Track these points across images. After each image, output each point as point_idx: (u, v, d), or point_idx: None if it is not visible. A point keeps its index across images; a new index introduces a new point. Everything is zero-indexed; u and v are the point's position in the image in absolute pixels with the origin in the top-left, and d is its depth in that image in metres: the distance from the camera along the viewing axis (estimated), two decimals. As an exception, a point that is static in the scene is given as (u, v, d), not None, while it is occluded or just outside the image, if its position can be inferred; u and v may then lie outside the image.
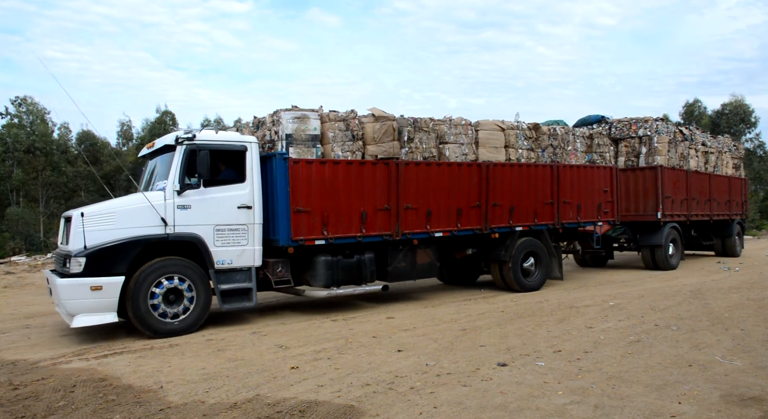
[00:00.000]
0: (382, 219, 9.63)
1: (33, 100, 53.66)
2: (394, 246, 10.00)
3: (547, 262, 11.92)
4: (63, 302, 7.40)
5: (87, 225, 7.55)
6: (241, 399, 5.04)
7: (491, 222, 10.95)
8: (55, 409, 4.89)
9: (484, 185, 10.81)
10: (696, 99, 59.57)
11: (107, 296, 7.45)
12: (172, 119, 58.57)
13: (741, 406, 4.70)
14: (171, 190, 8.00)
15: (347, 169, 9.27)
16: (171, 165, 8.14)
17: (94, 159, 57.59)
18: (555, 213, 11.96)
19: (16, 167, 50.35)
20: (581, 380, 5.43)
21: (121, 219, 7.72)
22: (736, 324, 7.87)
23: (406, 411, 4.67)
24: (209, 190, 8.23)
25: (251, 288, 8.48)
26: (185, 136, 8.17)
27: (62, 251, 7.99)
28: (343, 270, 9.31)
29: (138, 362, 6.39)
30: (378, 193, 9.58)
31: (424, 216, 10.11)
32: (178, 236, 7.97)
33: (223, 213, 8.30)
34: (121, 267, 7.55)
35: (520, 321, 8.33)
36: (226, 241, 8.31)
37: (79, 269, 7.36)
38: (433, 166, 10.27)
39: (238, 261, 8.42)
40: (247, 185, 8.52)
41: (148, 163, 9.45)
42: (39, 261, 20.62)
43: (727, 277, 13.31)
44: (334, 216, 9.10)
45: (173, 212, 7.96)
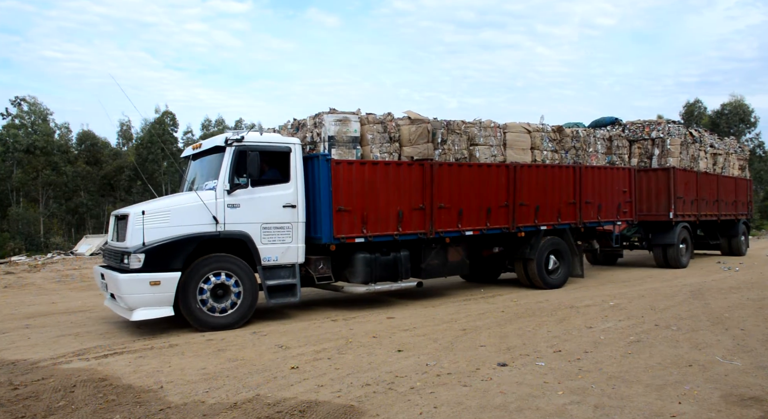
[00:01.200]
0: (417, 218, 9.98)
1: (36, 100, 53.67)
2: (428, 244, 10.36)
3: (569, 260, 12.28)
4: (124, 296, 7.68)
5: (146, 222, 7.86)
6: (241, 399, 5.05)
7: (518, 222, 11.30)
8: (55, 409, 4.89)
9: (512, 185, 11.17)
10: (696, 99, 59.60)
11: (165, 291, 7.77)
12: (172, 119, 58.62)
13: (741, 406, 4.70)
14: (221, 189, 8.35)
15: (385, 170, 9.63)
16: (220, 165, 8.50)
17: (94, 159, 57.65)
18: (577, 213, 12.35)
19: (16, 167, 50.35)
20: (581, 380, 5.43)
21: (176, 218, 8.06)
22: (736, 324, 7.87)
23: (406, 411, 4.67)
24: (257, 190, 8.56)
25: (295, 284, 8.82)
26: (234, 137, 8.53)
27: (117, 248, 8.30)
28: (381, 267, 9.65)
29: (138, 362, 6.39)
30: (413, 193, 9.92)
31: (456, 215, 10.44)
32: (228, 234, 8.32)
33: (270, 212, 8.65)
34: (177, 263, 7.87)
35: (520, 321, 8.33)
36: (272, 239, 8.66)
37: (139, 265, 7.67)
38: (465, 166, 10.63)
39: (283, 258, 8.76)
40: (291, 185, 8.87)
41: (190, 163, 9.85)
42: (39, 261, 20.62)
43: (727, 277, 13.32)
44: (372, 215, 9.43)
45: (223, 211, 8.30)
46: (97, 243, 26.49)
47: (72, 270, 17.22)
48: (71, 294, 12.62)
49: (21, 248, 35.94)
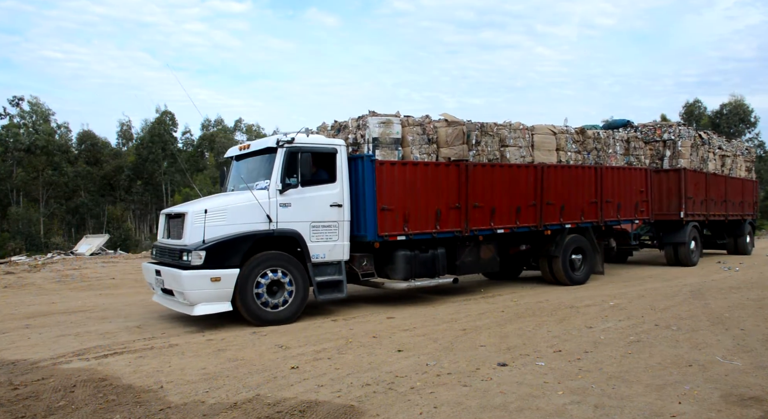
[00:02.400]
0: (454, 216, 10.36)
1: (38, 100, 53.67)
2: (462, 241, 10.71)
3: (592, 257, 12.74)
4: (186, 292, 7.94)
5: (206, 220, 8.17)
6: (241, 399, 5.05)
7: (545, 220, 11.72)
8: (55, 409, 4.89)
9: (539, 185, 11.60)
10: (696, 99, 59.60)
11: (225, 286, 8.04)
12: (171, 119, 58.61)
13: (741, 406, 4.70)
14: (274, 189, 8.67)
15: (425, 170, 10.03)
16: (270, 166, 8.84)
17: (94, 159, 57.65)
18: (599, 212, 12.82)
19: (17, 167, 50.34)
20: (581, 380, 5.43)
21: (232, 216, 8.37)
22: (736, 324, 7.87)
23: (406, 411, 4.67)
24: (306, 190, 8.90)
25: (342, 281, 9.15)
26: (285, 139, 8.80)
27: (172, 245, 8.61)
28: (420, 264, 10.00)
29: (138, 362, 6.39)
30: (450, 193, 10.32)
31: (489, 213, 10.85)
32: (281, 232, 8.63)
33: (318, 211, 8.99)
34: (235, 259, 8.15)
35: (521, 321, 8.33)
36: (320, 237, 9.00)
37: (200, 261, 7.92)
38: (497, 167, 11.05)
39: (330, 255, 9.11)
40: (337, 185, 9.22)
41: (233, 163, 10.19)
42: (39, 261, 20.61)
43: (727, 277, 13.32)
44: (413, 214, 9.82)
45: (276, 209, 8.62)
46: (97, 243, 26.48)
47: (72, 270, 17.21)
48: (71, 294, 12.61)
49: (21, 248, 35.95)
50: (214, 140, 63.67)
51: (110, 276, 15.57)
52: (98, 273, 16.23)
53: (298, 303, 8.67)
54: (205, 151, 64.81)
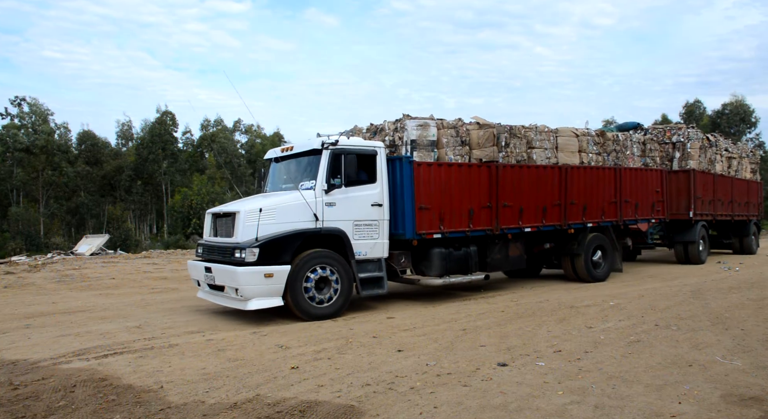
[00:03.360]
0: (485, 215, 10.81)
1: (37, 101, 53.67)
2: (492, 240, 11.19)
3: (612, 255, 13.27)
4: (241, 287, 8.28)
5: (260, 219, 8.51)
6: (241, 399, 5.04)
7: (568, 219, 12.23)
8: (55, 409, 4.89)
9: (563, 185, 12.09)
10: (696, 99, 59.62)
11: (277, 282, 8.41)
12: (171, 119, 58.61)
13: (741, 406, 4.70)
14: (320, 189, 9.03)
15: (458, 171, 10.48)
16: (315, 167, 9.22)
17: (94, 159, 57.64)
18: (618, 211, 13.33)
19: (17, 167, 50.33)
20: (581, 380, 5.43)
21: (282, 215, 8.72)
22: (736, 324, 7.87)
23: (406, 411, 4.67)
24: (349, 190, 9.29)
25: (383, 277, 9.54)
26: (330, 141, 9.14)
27: (222, 243, 8.98)
28: (454, 261, 10.42)
29: (138, 362, 6.38)
30: (482, 192, 10.76)
31: (517, 213, 11.31)
32: (327, 230, 8.99)
33: (360, 210, 9.37)
34: (287, 256, 8.51)
35: (521, 321, 8.33)
36: (362, 235, 9.39)
37: (254, 258, 8.26)
38: (525, 168, 11.52)
39: (371, 252, 9.49)
40: (377, 185, 9.61)
41: (273, 164, 10.62)
42: (39, 261, 20.61)
43: (727, 277, 13.31)
44: (448, 213, 10.25)
45: (322, 209, 8.99)
46: (97, 243, 26.50)
47: (72, 270, 17.22)
48: (71, 294, 12.62)
49: (21, 248, 35.93)
50: (213, 140, 63.67)
51: (110, 276, 15.57)
52: (98, 273, 16.23)
53: (344, 298, 9.02)
54: (205, 151, 64.80)
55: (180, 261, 20.27)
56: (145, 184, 57.14)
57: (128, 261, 20.53)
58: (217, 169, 59.02)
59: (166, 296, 11.95)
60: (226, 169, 54.45)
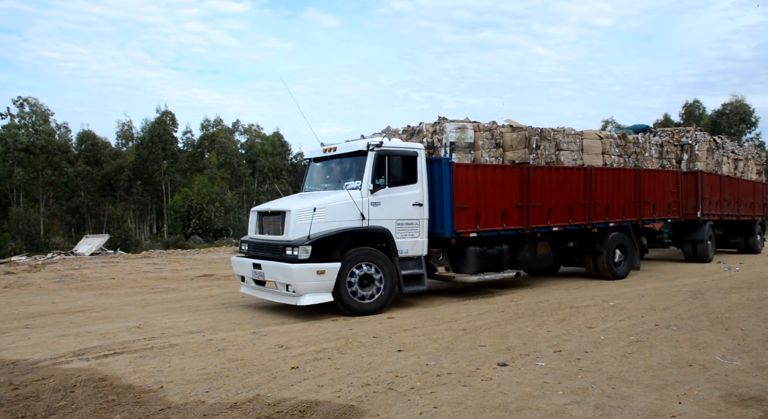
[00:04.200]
0: (517, 215, 11.21)
1: (37, 101, 53.67)
2: (522, 238, 11.56)
3: (631, 254, 13.67)
4: (295, 284, 8.60)
5: (313, 217, 8.79)
6: (241, 399, 5.04)
7: (592, 219, 12.64)
8: (55, 409, 4.89)
9: (588, 186, 12.49)
10: (695, 99, 59.65)
11: (328, 279, 8.69)
12: (171, 119, 58.60)
13: (741, 406, 4.70)
14: (366, 189, 9.33)
15: (493, 172, 10.91)
16: (361, 167, 9.53)
17: (94, 159, 57.64)
18: (637, 211, 13.76)
19: (17, 167, 50.33)
20: (581, 380, 5.43)
21: (331, 213, 9.00)
22: (736, 324, 7.87)
23: (406, 411, 4.67)
24: (393, 190, 9.59)
25: (423, 274, 9.83)
26: (375, 143, 9.42)
27: (270, 240, 9.28)
28: (488, 258, 10.82)
29: (138, 362, 6.38)
30: (514, 193, 11.15)
31: (546, 212, 11.70)
32: (373, 229, 9.29)
33: (402, 210, 9.68)
34: (337, 254, 8.81)
35: (520, 321, 8.33)
36: (404, 234, 9.68)
37: (306, 256, 8.54)
38: (553, 169, 11.97)
39: (412, 250, 9.77)
40: (418, 186, 9.91)
41: (312, 164, 10.93)
42: (39, 261, 20.61)
43: (727, 277, 13.31)
44: (483, 213, 10.65)
45: (368, 208, 9.28)
46: (97, 243, 26.50)
47: (72, 270, 17.22)
48: (71, 294, 12.61)
49: (21, 248, 35.91)
50: (214, 140, 63.66)
51: (110, 276, 15.57)
52: (98, 273, 16.23)
53: (387, 295, 9.28)
54: (205, 151, 64.80)
55: (180, 261, 20.27)
56: (145, 184, 57.14)
57: (128, 261, 20.54)
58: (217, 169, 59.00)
59: (166, 296, 11.95)
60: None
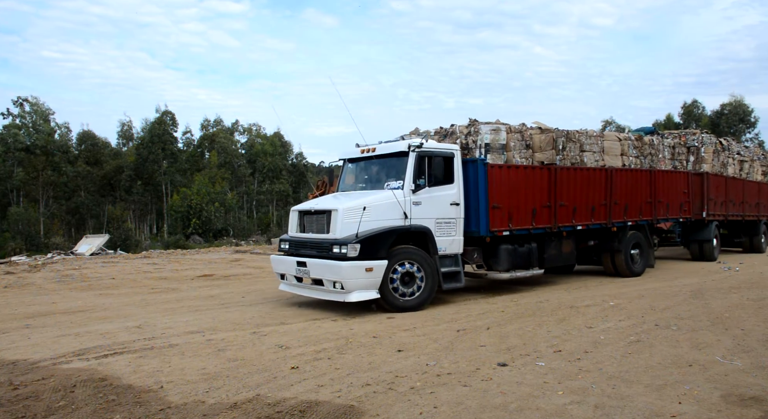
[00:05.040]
0: (545, 214, 11.54)
1: (38, 100, 53.65)
2: (549, 237, 11.87)
3: (647, 252, 14.06)
4: (344, 281, 8.84)
5: (354, 217, 9.02)
6: (241, 399, 5.04)
7: (612, 218, 13.00)
8: (55, 409, 4.89)
9: (609, 186, 12.87)
10: (694, 99, 59.62)
11: (375, 276, 8.94)
12: (171, 119, 58.59)
13: (741, 406, 4.70)
14: (408, 188, 9.59)
15: (524, 173, 11.29)
16: (402, 168, 9.78)
17: (94, 159, 57.62)
18: (653, 211, 14.17)
19: (17, 167, 50.31)
20: (581, 380, 5.43)
21: (376, 212, 9.23)
22: (736, 324, 7.87)
23: (406, 411, 4.67)
24: (432, 189, 9.88)
25: (460, 271, 10.16)
26: (415, 144, 9.71)
27: (316, 239, 9.51)
28: (519, 256, 11.12)
29: (138, 362, 6.38)
30: (542, 193, 11.49)
31: (571, 212, 12.08)
32: (415, 227, 9.56)
33: (441, 209, 9.98)
34: (383, 252, 9.07)
35: (520, 321, 8.33)
36: (443, 232, 9.95)
37: (355, 253, 8.80)
38: (578, 170, 12.35)
39: (449, 248, 10.07)
40: (455, 186, 10.22)
41: (347, 165, 11.21)
42: (39, 261, 20.61)
43: (727, 277, 13.31)
44: (515, 212, 10.98)
45: (410, 207, 9.55)
46: (97, 243, 26.50)
47: (72, 270, 17.22)
48: (71, 294, 12.61)
49: (21, 248, 35.92)
50: (214, 140, 63.63)
51: (110, 276, 15.57)
52: (98, 273, 16.23)
53: (428, 292, 9.52)
54: (205, 151, 64.78)
55: (180, 261, 20.27)
56: (145, 184, 57.11)
57: (128, 261, 20.54)
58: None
59: (166, 296, 11.95)
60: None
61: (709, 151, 17.27)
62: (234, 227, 52.46)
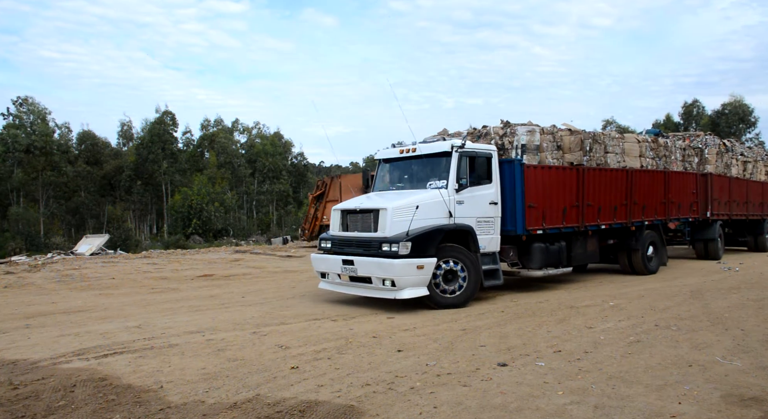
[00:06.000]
0: (573, 213, 11.89)
1: (34, 100, 53.64)
2: (576, 236, 12.20)
3: (661, 250, 14.44)
4: (397, 278, 8.97)
5: (404, 216, 9.17)
6: (241, 399, 5.04)
7: (632, 217, 13.35)
8: (55, 409, 4.89)
9: (630, 186, 13.27)
10: (695, 99, 59.63)
11: (426, 274, 9.13)
12: (171, 119, 58.59)
13: (741, 406, 4.70)
14: (452, 188, 9.80)
15: (556, 173, 11.63)
16: (445, 167, 9.99)
17: (94, 159, 57.63)
18: (666, 210, 14.60)
19: (17, 167, 50.31)
20: (581, 380, 5.43)
21: (423, 211, 9.34)
22: (736, 324, 7.87)
23: (406, 411, 4.67)
24: (474, 189, 10.12)
25: (498, 269, 10.44)
26: (458, 144, 9.93)
27: (363, 237, 9.60)
28: (551, 255, 11.44)
29: (138, 362, 6.38)
30: (572, 193, 11.84)
31: (596, 211, 12.44)
32: (460, 226, 9.75)
33: (481, 208, 10.22)
34: (432, 250, 9.23)
35: (520, 321, 8.32)
36: (482, 231, 10.19)
37: (407, 251, 8.95)
38: (603, 171, 12.72)
39: (488, 247, 10.31)
40: (493, 185, 10.48)
41: (382, 165, 11.37)
42: (39, 261, 20.60)
43: (727, 277, 13.31)
44: (548, 211, 11.28)
45: (454, 206, 9.75)
46: (97, 243, 26.48)
47: (72, 270, 17.21)
48: (71, 294, 12.61)
49: (21, 248, 35.90)
50: (214, 140, 63.62)
51: (110, 276, 15.57)
52: (98, 273, 16.23)
53: (471, 289, 9.71)
54: (205, 151, 64.77)
55: (180, 261, 20.27)
56: (145, 184, 57.12)
57: (128, 261, 20.53)
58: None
59: (166, 296, 11.94)
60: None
61: (712, 153, 17.63)
62: (234, 227, 52.46)
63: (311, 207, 27.61)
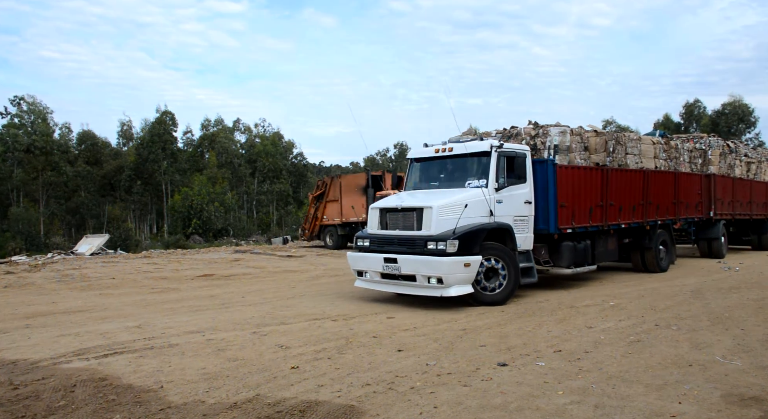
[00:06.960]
0: (598, 212, 12.19)
1: (35, 99, 53.63)
2: (599, 234, 12.48)
3: (671, 249, 14.83)
4: (445, 276, 9.03)
5: (449, 214, 9.28)
6: (241, 399, 5.04)
7: (647, 217, 13.69)
8: (55, 409, 4.89)
9: (646, 187, 13.63)
10: (696, 99, 59.64)
11: (471, 271, 9.23)
12: (171, 119, 58.60)
13: (741, 406, 4.70)
14: (492, 187, 9.95)
15: (585, 173, 11.91)
16: (484, 167, 10.13)
17: (94, 159, 57.64)
18: (675, 210, 14.99)
19: (17, 167, 50.32)
20: (581, 380, 5.43)
21: (468, 210, 9.45)
22: (736, 324, 7.87)
23: (406, 411, 4.67)
24: (511, 188, 10.30)
25: (533, 267, 10.59)
26: (496, 144, 10.14)
27: (407, 235, 9.64)
28: (579, 253, 11.68)
29: (138, 362, 6.38)
30: (597, 193, 12.14)
31: (617, 211, 12.72)
32: (500, 224, 9.92)
33: (518, 207, 10.43)
34: (477, 248, 9.33)
35: (520, 321, 8.33)
36: (519, 229, 10.32)
37: (454, 249, 9.04)
38: (624, 171, 13.10)
39: (523, 245, 10.45)
40: (527, 185, 10.68)
41: (414, 164, 11.46)
42: (39, 261, 20.60)
43: (727, 277, 13.31)
44: (577, 210, 11.54)
45: (494, 205, 9.89)
46: (97, 243, 26.48)
47: (72, 270, 17.21)
48: (71, 294, 12.61)
49: (21, 248, 35.90)
50: (214, 140, 63.62)
51: (110, 276, 15.57)
52: (98, 273, 16.22)
53: (511, 287, 9.82)
54: (205, 150, 64.77)
55: (180, 261, 20.26)
56: (145, 184, 57.12)
57: (128, 261, 20.52)
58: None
59: (166, 296, 11.94)
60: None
61: (716, 154, 17.95)
62: (234, 227, 52.46)
63: (311, 207, 27.60)
